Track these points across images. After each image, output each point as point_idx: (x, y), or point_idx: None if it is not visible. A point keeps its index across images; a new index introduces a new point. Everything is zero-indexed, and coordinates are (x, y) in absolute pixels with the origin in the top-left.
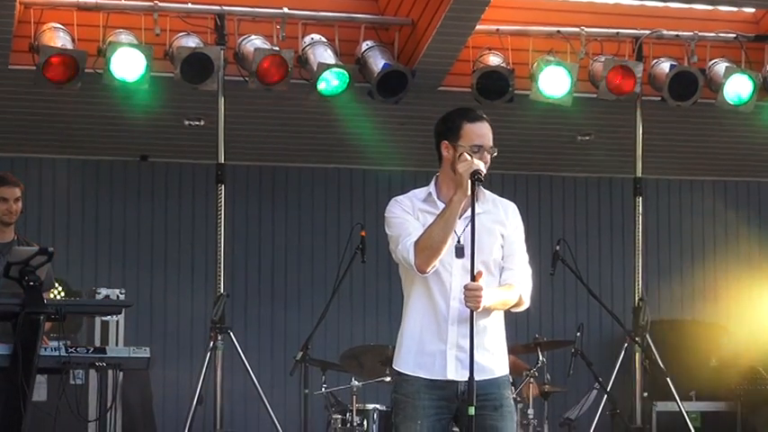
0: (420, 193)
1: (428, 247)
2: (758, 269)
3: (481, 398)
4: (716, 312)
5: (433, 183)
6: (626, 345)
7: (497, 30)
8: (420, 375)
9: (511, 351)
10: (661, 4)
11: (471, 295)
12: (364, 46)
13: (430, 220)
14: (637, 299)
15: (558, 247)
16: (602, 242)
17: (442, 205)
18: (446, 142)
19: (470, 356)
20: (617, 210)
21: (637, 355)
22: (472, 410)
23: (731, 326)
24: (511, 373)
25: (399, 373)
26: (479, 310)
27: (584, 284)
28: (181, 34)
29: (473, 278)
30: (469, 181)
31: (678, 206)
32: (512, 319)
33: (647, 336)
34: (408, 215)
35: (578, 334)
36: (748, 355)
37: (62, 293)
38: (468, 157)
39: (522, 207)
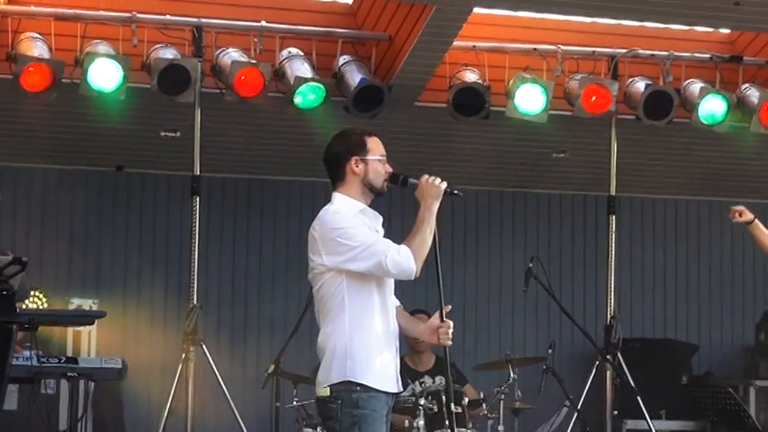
0: (353, 207)
1: (423, 253)
2: (730, 288)
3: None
4: (687, 331)
5: (344, 199)
6: (597, 362)
7: (474, 46)
8: (384, 389)
9: (482, 368)
10: (637, 24)
11: (449, 332)
12: (341, 60)
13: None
14: (609, 317)
15: (531, 265)
16: (575, 259)
17: (380, 218)
18: (356, 158)
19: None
20: (590, 227)
21: (608, 372)
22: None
23: (702, 345)
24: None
25: (365, 387)
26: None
27: (556, 302)
28: (158, 46)
29: (443, 313)
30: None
31: (651, 225)
32: (484, 335)
33: (619, 354)
34: (361, 224)
35: (550, 351)
36: (718, 373)
37: (45, 303)
38: (432, 180)
39: (497, 223)
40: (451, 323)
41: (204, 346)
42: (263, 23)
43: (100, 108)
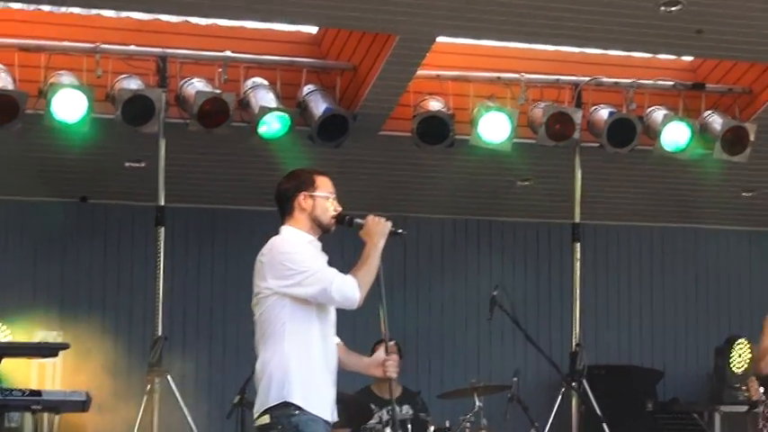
0: (302, 238)
1: (368, 284)
2: (694, 314)
3: None
4: (652, 358)
5: (293, 231)
6: (562, 390)
7: (438, 75)
8: (322, 416)
9: (448, 396)
10: (600, 52)
11: (394, 365)
12: (306, 90)
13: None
14: (574, 344)
15: (495, 293)
16: (540, 287)
17: (326, 257)
18: (305, 193)
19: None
20: (555, 255)
21: (573, 400)
22: None
23: (667, 371)
24: None
25: (303, 411)
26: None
27: (521, 329)
28: (122, 76)
29: (388, 347)
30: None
31: (616, 252)
32: (449, 363)
33: (584, 381)
34: (309, 252)
35: (515, 379)
36: (684, 399)
37: (8, 336)
38: (379, 219)
39: (461, 251)
40: (397, 357)
41: (169, 377)
42: (228, 53)
43: (64, 139)
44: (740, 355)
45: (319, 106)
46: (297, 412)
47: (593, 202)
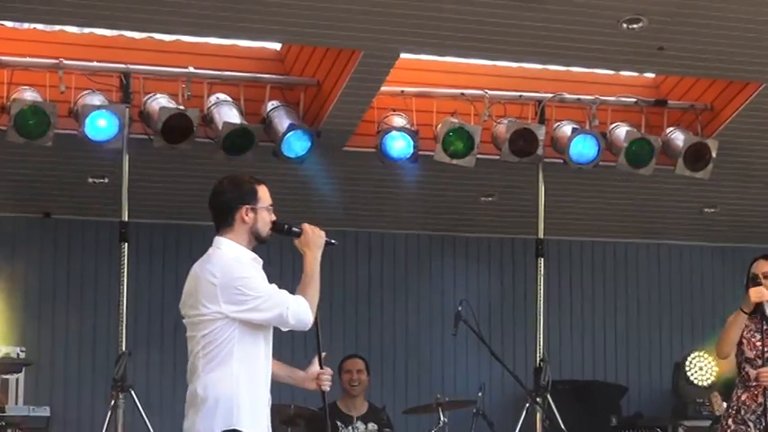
0: (246, 255)
1: (316, 304)
2: (657, 330)
3: None
4: (616, 373)
5: (235, 246)
6: (527, 405)
7: (402, 91)
8: None
9: (412, 411)
10: (563, 69)
11: (328, 378)
12: (270, 106)
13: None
14: (538, 359)
15: (460, 308)
16: (504, 302)
17: (260, 260)
18: (248, 207)
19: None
20: (519, 270)
21: (538, 415)
22: None
23: (631, 386)
24: None
25: None
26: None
27: (485, 345)
28: (86, 92)
29: (322, 360)
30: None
31: (579, 267)
32: (414, 379)
33: (548, 396)
34: (259, 275)
35: (480, 394)
36: (648, 414)
37: None
38: (314, 228)
39: (425, 267)
40: (330, 370)
41: (133, 393)
42: (191, 69)
43: (27, 155)
44: (701, 368)
45: (283, 122)
46: None
47: (556, 218)
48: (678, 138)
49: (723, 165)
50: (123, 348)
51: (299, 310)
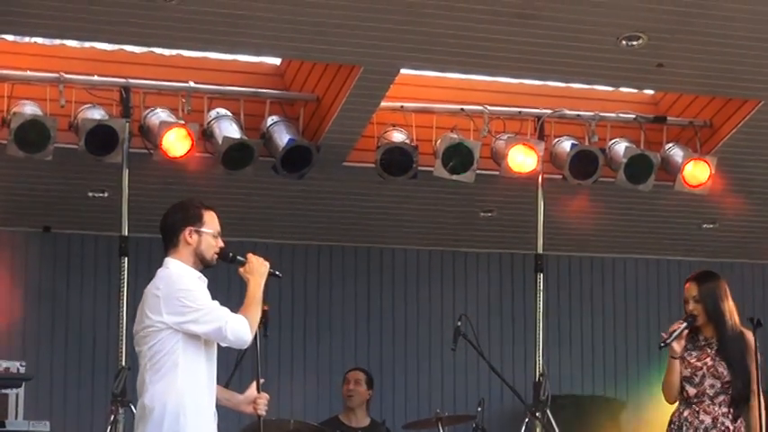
0: (192, 273)
1: (255, 325)
2: (657, 345)
3: None
4: (615, 388)
5: (180, 265)
6: (526, 420)
7: (402, 106)
8: None
9: (412, 426)
10: (563, 85)
11: (264, 403)
12: (269, 121)
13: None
14: (537, 374)
15: (459, 323)
16: (503, 317)
17: (206, 280)
18: (191, 228)
19: None
20: (518, 285)
21: (537, 430)
22: None
23: (630, 402)
24: None
25: None
26: None
27: (485, 360)
28: (86, 106)
29: (259, 385)
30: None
31: (579, 282)
32: (413, 393)
33: (548, 411)
34: (202, 290)
35: (479, 409)
36: (648, 430)
37: None
38: (258, 258)
39: (425, 282)
40: (267, 395)
41: (133, 408)
42: (191, 84)
43: (27, 168)
44: None
45: (283, 137)
46: None
47: (555, 233)
48: (677, 154)
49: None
50: (123, 363)
51: (237, 327)
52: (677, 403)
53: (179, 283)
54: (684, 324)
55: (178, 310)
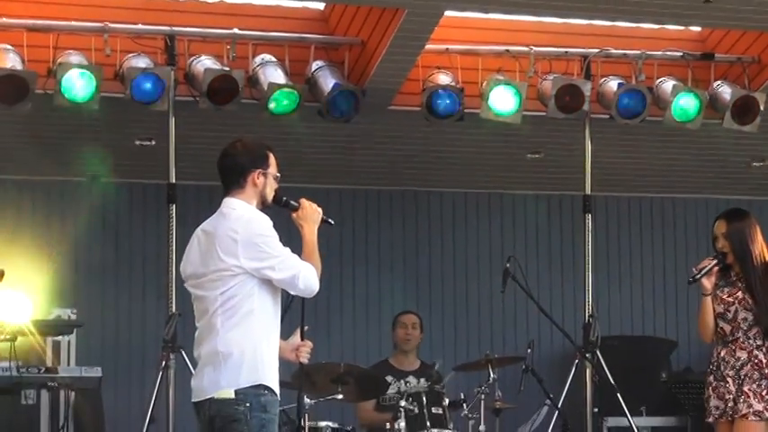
0: (263, 219)
1: (319, 272)
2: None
3: None
4: (665, 328)
5: (251, 208)
6: (576, 361)
7: (447, 49)
8: (278, 396)
9: (462, 368)
10: (609, 23)
11: (308, 351)
12: (314, 66)
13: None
14: (587, 315)
15: (508, 265)
16: (552, 259)
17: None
18: (260, 170)
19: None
20: (567, 227)
21: (587, 370)
22: None
23: (681, 341)
24: None
25: (272, 391)
26: None
27: (534, 301)
28: (131, 55)
29: (303, 332)
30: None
31: (627, 222)
32: (463, 336)
33: (598, 352)
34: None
35: (529, 351)
36: (697, 369)
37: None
38: (312, 204)
39: (473, 225)
40: (310, 343)
41: (184, 354)
42: (236, 31)
43: (73, 118)
44: None
45: (328, 82)
46: (266, 392)
47: (603, 174)
48: (725, 91)
49: None
50: (173, 309)
51: (309, 276)
52: (715, 344)
53: (258, 227)
54: (714, 261)
55: (257, 255)
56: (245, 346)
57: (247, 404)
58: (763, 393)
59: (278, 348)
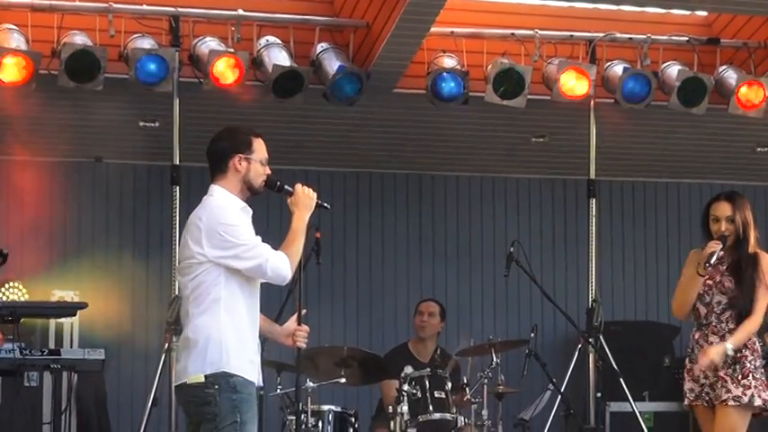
0: (235, 204)
1: (296, 262)
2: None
3: None
4: (669, 313)
5: (225, 194)
6: (579, 345)
7: (452, 32)
8: (253, 380)
9: (465, 353)
10: (614, 8)
11: (304, 336)
12: (319, 48)
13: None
14: (590, 300)
15: (512, 249)
16: (556, 243)
17: (250, 210)
18: (241, 155)
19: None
20: (571, 211)
21: (590, 355)
22: None
23: (684, 326)
24: None
25: (239, 376)
26: None
27: (537, 286)
28: (135, 36)
29: (300, 317)
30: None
31: (631, 207)
32: (466, 320)
33: (601, 336)
34: (245, 224)
35: (532, 335)
36: None
37: (25, 295)
38: (307, 190)
39: (477, 209)
40: (307, 328)
41: None
42: (241, 12)
43: (77, 99)
44: None
45: (333, 64)
46: (232, 378)
47: (608, 158)
48: (731, 76)
49: None
50: (176, 291)
51: (278, 264)
52: (693, 326)
53: (221, 216)
54: (720, 245)
55: (220, 244)
56: (210, 333)
57: (216, 386)
58: (739, 378)
59: (252, 335)
